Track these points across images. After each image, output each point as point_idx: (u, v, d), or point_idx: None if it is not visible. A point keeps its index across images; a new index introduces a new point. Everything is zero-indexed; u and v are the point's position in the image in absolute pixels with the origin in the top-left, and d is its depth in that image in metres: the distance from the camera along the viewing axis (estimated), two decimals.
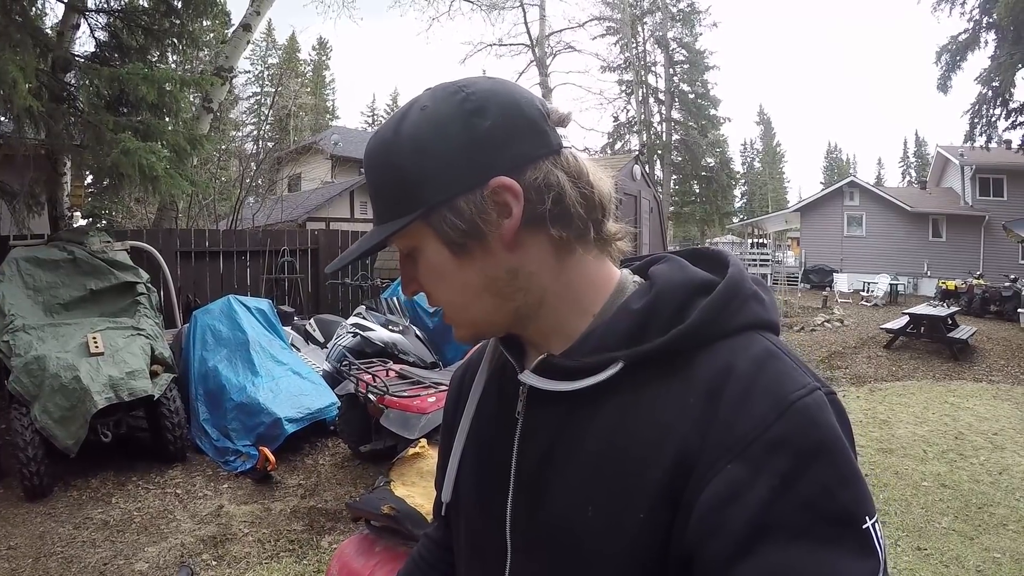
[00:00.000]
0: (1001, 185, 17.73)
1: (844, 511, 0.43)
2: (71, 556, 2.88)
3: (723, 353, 0.49)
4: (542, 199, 0.51)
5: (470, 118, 0.50)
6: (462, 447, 0.62)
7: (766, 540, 0.42)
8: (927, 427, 5.16)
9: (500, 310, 0.54)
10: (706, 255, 0.59)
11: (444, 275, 0.54)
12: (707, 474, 0.45)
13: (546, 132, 0.52)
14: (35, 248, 4.33)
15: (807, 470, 0.43)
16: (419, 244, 0.54)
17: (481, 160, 0.50)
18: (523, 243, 0.52)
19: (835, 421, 0.46)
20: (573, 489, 0.51)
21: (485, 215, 0.50)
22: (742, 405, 0.46)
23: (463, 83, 0.52)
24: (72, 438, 3.45)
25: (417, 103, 0.53)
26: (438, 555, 0.75)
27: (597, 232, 0.54)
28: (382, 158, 0.53)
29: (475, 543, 0.62)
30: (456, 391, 0.70)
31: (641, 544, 0.47)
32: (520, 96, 0.53)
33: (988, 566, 2.89)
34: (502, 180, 0.50)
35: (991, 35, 12.00)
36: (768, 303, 0.54)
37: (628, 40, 25.41)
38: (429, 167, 0.51)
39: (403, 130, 0.52)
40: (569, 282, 0.54)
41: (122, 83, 4.60)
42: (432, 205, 0.51)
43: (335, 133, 20.73)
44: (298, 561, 2.86)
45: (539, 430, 0.55)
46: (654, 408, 0.49)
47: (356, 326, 4.83)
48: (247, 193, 11.21)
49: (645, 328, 0.51)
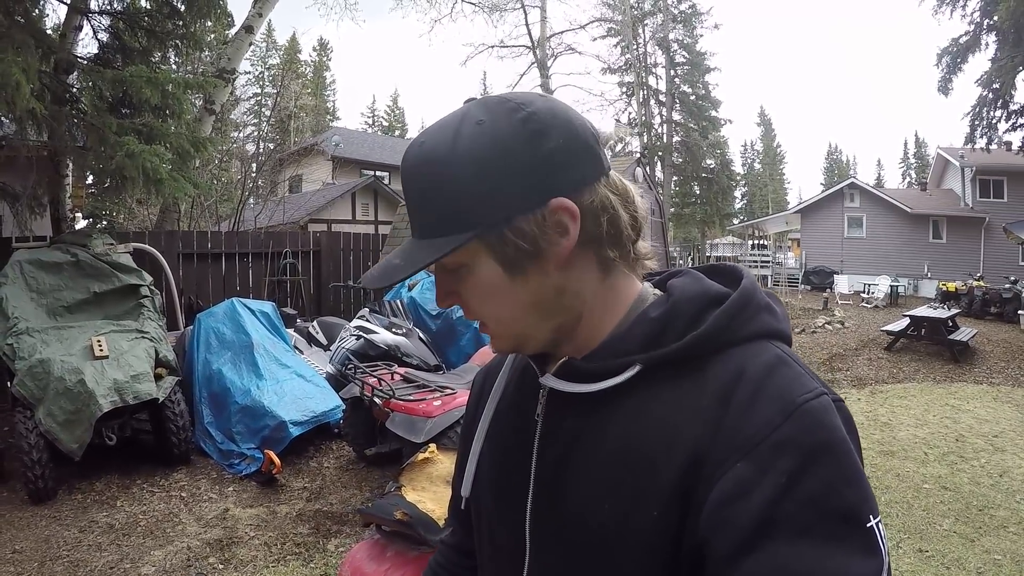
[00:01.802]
0: (1001, 187, 17.74)
1: (849, 509, 0.44)
2: (77, 560, 2.89)
3: (735, 359, 0.51)
4: (598, 221, 0.52)
5: (534, 139, 0.50)
6: (480, 447, 0.64)
7: (772, 536, 0.44)
8: (928, 429, 5.16)
9: (543, 327, 0.56)
10: (722, 270, 0.61)
11: (494, 292, 0.54)
12: (716, 473, 0.46)
13: (600, 156, 0.54)
14: (38, 250, 4.34)
15: (812, 468, 0.45)
16: (470, 262, 0.53)
17: (544, 181, 0.51)
18: (573, 262, 0.53)
19: (841, 424, 0.48)
20: (590, 489, 0.53)
21: (545, 235, 0.51)
22: (751, 408, 0.47)
23: (521, 101, 0.52)
24: (76, 441, 3.46)
25: (470, 116, 0.52)
26: (455, 560, 0.76)
27: (635, 251, 0.57)
28: (435, 170, 0.51)
29: (495, 542, 0.63)
30: (477, 392, 0.72)
31: (655, 542, 0.49)
32: (576, 119, 0.53)
33: (989, 568, 2.90)
34: (562, 202, 0.51)
35: (992, 37, 12.02)
36: (780, 314, 0.56)
37: (629, 42, 25.40)
38: (490, 186, 0.50)
39: (460, 145, 0.50)
40: (605, 299, 0.56)
41: (125, 85, 4.60)
42: (491, 224, 0.51)
43: (336, 134, 20.72)
44: (305, 564, 2.86)
45: (558, 432, 0.57)
46: (668, 410, 0.51)
47: (359, 329, 4.84)
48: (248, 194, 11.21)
49: (662, 334, 0.53)
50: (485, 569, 0.67)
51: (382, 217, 15.88)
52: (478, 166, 0.50)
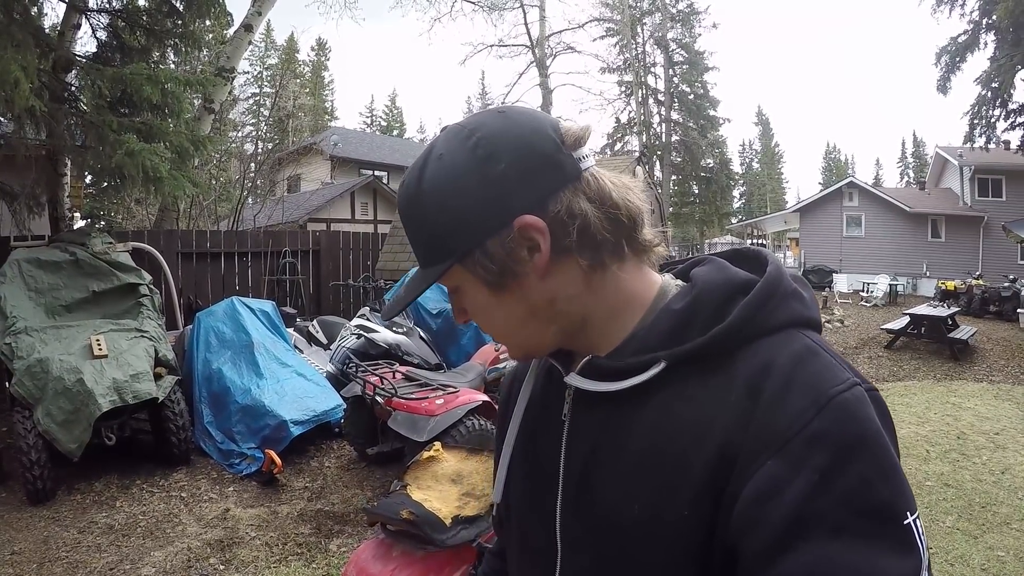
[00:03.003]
0: (1000, 186, 17.78)
1: (884, 506, 0.43)
2: (76, 561, 2.86)
3: (763, 351, 0.50)
4: (567, 231, 0.52)
5: (483, 165, 0.51)
6: (511, 451, 0.64)
7: (806, 535, 0.43)
8: (929, 427, 5.17)
9: (545, 333, 0.57)
10: (747, 255, 0.60)
11: (487, 309, 0.56)
12: (748, 469, 0.45)
13: (561, 163, 0.52)
14: (36, 249, 4.31)
15: (846, 465, 0.44)
16: (460, 284, 0.56)
17: (501, 204, 0.51)
18: (556, 272, 0.54)
19: (875, 416, 0.46)
20: (619, 487, 0.52)
21: (515, 254, 0.52)
22: (781, 401, 0.46)
23: (473, 126, 0.53)
24: (75, 441, 3.43)
25: (434, 151, 0.54)
26: (499, 568, 0.77)
27: (631, 245, 0.55)
28: (411, 211, 0.56)
29: (526, 543, 0.63)
30: (506, 397, 0.72)
31: (686, 539, 0.48)
32: (532, 130, 0.53)
33: (993, 564, 2.90)
34: (526, 219, 0.51)
35: (991, 36, 12.05)
36: (808, 300, 0.55)
37: (628, 41, 25.43)
38: (454, 218, 0.52)
39: (424, 184, 0.54)
40: (607, 297, 0.56)
41: (124, 83, 4.58)
42: (465, 251, 0.53)
43: (334, 134, 20.71)
44: (307, 565, 2.85)
45: (585, 431, 0.56)
46: (696, 405, 0.50)
47: (360, 328, 4.82)
48: (247, 194, 11.18)
49: (687, 328, 0.52)
50: (518, 570, 0.66)
51: (381, 216, 15.88)
52: (440, 199, 0.53)
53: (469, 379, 3.89)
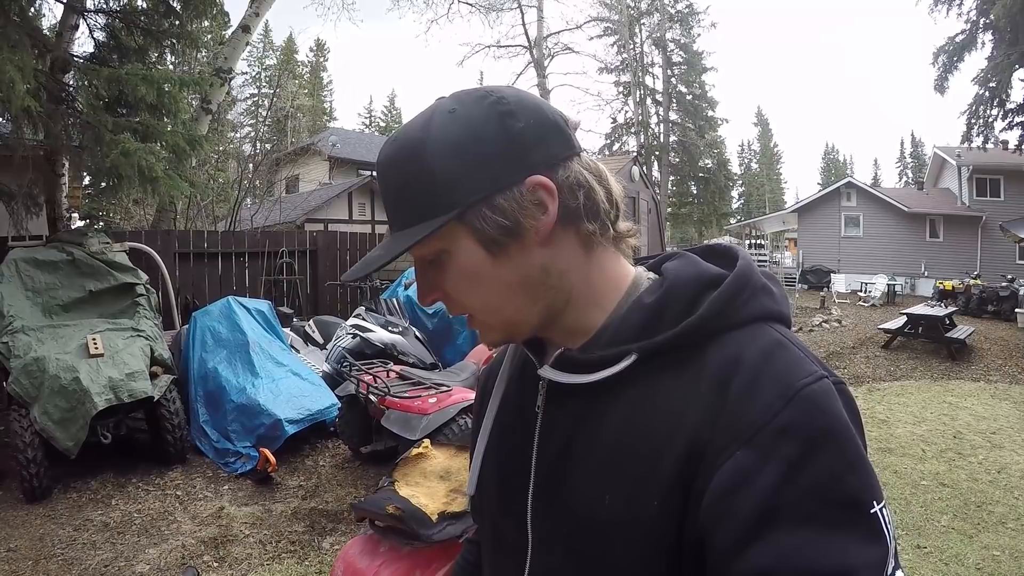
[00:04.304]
0: (998, 185, 17.79)
1: (851, 496, 0.44)
2: (72, 558, 2.87)
3: (732, 344, 0.50)
4: (575, 196, 0.53)
5: (505, 120, 0.51)
6: (486, 443, 0.64)
7: (775, 525, 0.43)
8: (925, 426, 5.17)
9: (531, 309, 0.55)
10: (719, 251, 0.60)
11: (479, 276, 0.53)
12: (717, 461, 0.46)
13: (570, 135, 0.55)
14: (34, 249, 4.32)
15: (814, 456, 0.44)
16: (450, 247, 0.53)
17: (518, 159, 0.51)
18: (555, 240, 0.53)
19: (842, 409, 0.47)
20: (591, 480, 0.52)
21: (525, 211, 0.51)
22: (750, 393, 0.47)
23: (490, 88, 0.53)
24: (72, 440, 3.44)
25: (441, 107, 0.53)
26: (480, 555, 0.77)
27: (614, 229, 0.56)
28: (409, 160, 0.52)
29: (498, 536, 0.64)
30: (481, 391, 0.72)
31: (657, 531, 0.48)
32: (544, 103, 0.55)
33: (988, 564, 2.91)
34: (539, 178, 0.51)
35: (988, 36, 12.06)
36: (778, 296, 0.55)
37: (626, 41, 25.44)
38: (466, 167, 0.51)
39: (433, 132, 0.51)
40: (593, 278, 0.56)
41: (121, 83, 4.59)
42: (469, 204, 0.51)
43: (333, 135, 20.70)
44: (300, 562, 2.85)
45: (558, 423, 0.56)
46: (666, 398, 0.50)
47: (356, 327, 4.83)
48: (245, 194, 11.19)
49: (658, 321, 0.52)
50: (490, 563, 0.66)
51: (379, 217, 15.85)
52: (452, 149, 0.50)
53: (463, 378, 3.89)
